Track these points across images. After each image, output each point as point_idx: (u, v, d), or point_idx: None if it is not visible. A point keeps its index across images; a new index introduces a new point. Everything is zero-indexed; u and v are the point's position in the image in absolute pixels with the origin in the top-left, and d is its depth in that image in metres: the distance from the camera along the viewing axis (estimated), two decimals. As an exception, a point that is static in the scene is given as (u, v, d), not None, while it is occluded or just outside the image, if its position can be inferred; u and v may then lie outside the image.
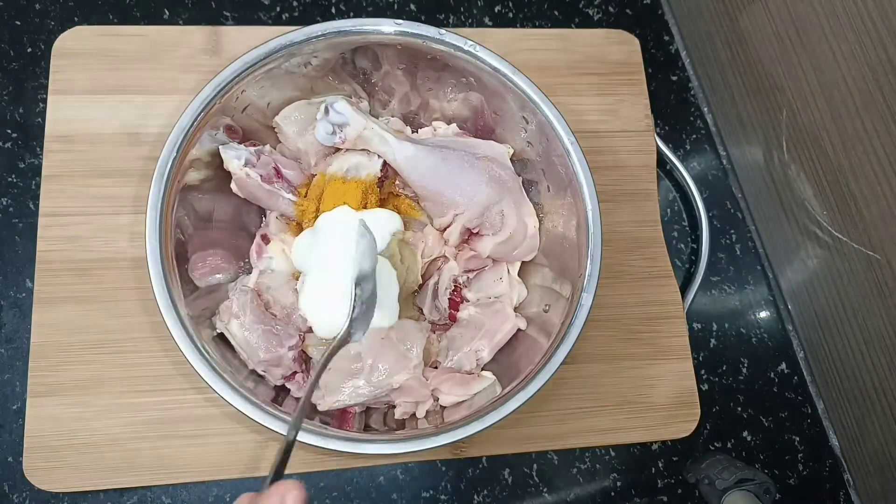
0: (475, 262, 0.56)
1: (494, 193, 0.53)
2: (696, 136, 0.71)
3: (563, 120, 0.51)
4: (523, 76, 0.51)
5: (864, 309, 0.58)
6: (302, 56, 0.51)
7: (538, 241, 0.56)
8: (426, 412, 0.51)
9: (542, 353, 0.48)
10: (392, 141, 0.53)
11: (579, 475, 0.59)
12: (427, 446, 0.45)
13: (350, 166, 0.54)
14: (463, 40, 0.51)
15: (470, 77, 0.53)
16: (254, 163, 0.53)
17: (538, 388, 0.46)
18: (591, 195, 0.50)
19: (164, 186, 0.48)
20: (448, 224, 0.55)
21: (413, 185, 0.54)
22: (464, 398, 0.51)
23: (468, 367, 0.53)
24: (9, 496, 0.54)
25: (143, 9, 0.66)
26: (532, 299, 0.56)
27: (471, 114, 0.57)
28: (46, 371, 0.54)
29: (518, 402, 0.46)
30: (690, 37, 0.73)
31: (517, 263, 0.57)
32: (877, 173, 0.53)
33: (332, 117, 0.53)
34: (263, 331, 0.50)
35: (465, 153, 0.54)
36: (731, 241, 0.68)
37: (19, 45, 0.63)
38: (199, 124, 0.49)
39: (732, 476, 0.56)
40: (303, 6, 0.68)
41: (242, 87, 0.51)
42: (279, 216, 0.56)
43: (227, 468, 0.54)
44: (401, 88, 0.57)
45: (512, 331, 0.54)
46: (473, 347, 0.53)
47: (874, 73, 0.51)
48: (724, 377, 0.64)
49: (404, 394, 0.50)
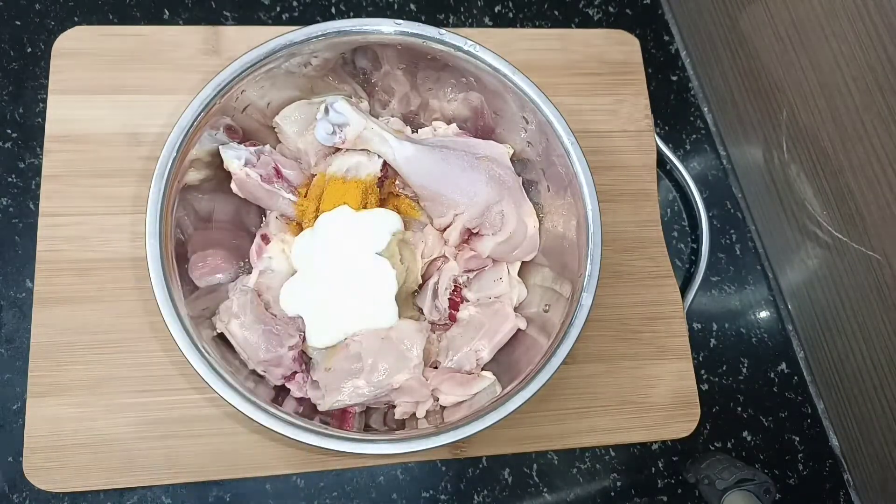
0: (475, 262, 0.56)
1: (494, 193, 0.53)
2: (696, 136, 0.71)
3: (563, 120, 0.51)
4: (523, 76, 0.51)
5: (864, 309, 0.58)
6: (302, 56, 0.51)
7: (538, 241, 0.56)
8: (426, 412, 0.51)
9: (543, 353, 0.48)
10: (392, 141, 0.53)
11: (579, 475, 0.60)
12: (427, 446, 0.45)
13: (350, 166, 0.54)
14: (463, 40, 0.51)
15: (470, 77, 0.53)
16: (254, 163, 0.53)
17: (538, 388, 0.46)
18: (592, 195, 0.50)
19: (164, 186, 0.48)
20: (448, 224, 0.55)
21: (413, 185, 0.54)
22: (464, 398, 0.50)
23: (468, 367, 0.53)
24: (9, 496, 0.54)
25: (143, 9, 0.66)
26: (532, 299, 0.56)
27: (471, 114, 0.57)
28: (46, 371, 0.54)
29: (518, 402, 0.46)
30: (690, 37, 0.73)
31: (517, 263, 0.57)
32: (877, 173, 0.53)
33: (332, 117, 0.53)
34: (263, 331, 0.50)
35: (465, 153, 0.54)
36: (731, 241, 0.68)
37: (19, 45, 0.63)
38: (199, 124, 0.49)
39: (732, 476, 0.56)
40: (303, 6, 0.68)
41: (242, 87, 0.51)
42: (279, 216, 0.56)
43: (227, 468, 0.54)
44: (401, 88, 0.57)
45: (512, 331, 0.54)
46: (473, 347, 0.53)
47: (874, 73, 0.51)
48: (724, 377, 0.64)
49: (404, 394, 0.50)
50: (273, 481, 0.56)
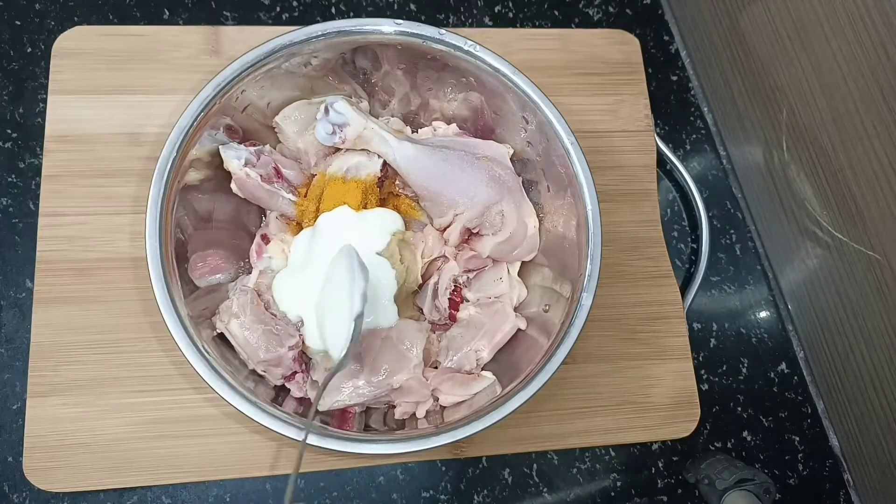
0: (475, 262, 0.56)
1: (494, 193, 0.53)
2: (696, 136, 0.71)
3: (563, 120, 0.51)
4: (523, 76, 0.51)
5: (864, 309, 0.58)
6: (302, 56, 0.51)
7: (538, 241, 0.56)
8: (426, 412, 0.51)
9: (542, 353, 0.48)
10: (392, 141, 0.53)
11: (579, 475, 0.60)
12: (427, 446, 0.45)
13: (350, 166, 0.54)
14: (463, 40, 0.51)
15: (470, 77, 0.53)
16: (254, 163, 0.53)
17: (538, 389, 0.46)
18: (592, 195, 0.50)
19: (164, 186, 0.48)
20: (448, 224, 0.55)
21: (413, 185, 0.54)
22: (464, 398, 0.51)
23: (468, 367, 0.53)
24: (9, 496, 0.54)
25: (143, 9, 0.66)
26: (532, 299, 0.56)
27: (471, 114, 0.57)
28: (46, 371, 0.54)
29: (518, 402, 0.46)
30: (690, 37, 0.73)
31: (517, 263, 0.57)
32: (877, 173, 0.53)
33: (332, 117, 0.53)
34: (263, 330, 0.50)
35: (465, 153, 0.54)
36: (731, 241, 0.68)
37: (19, 45, 0.63)
38: (199, 124, 0.49)
39: (732, 476, 0.56)
40: (303, 6, 0.68)
41: (242, 87, 0.51)
42: (279, 216, 0.56)
43: (227, 468, 0.54)
44: (401, 88, 0.57)
45: (512, 331, 0.54)
46: (473, 347, 0.53)
47: (874, 73, 0.51)
48: (724, 377, 0.64)
49: (404, 394, 0.50)
50: (273, 481, 0.56)
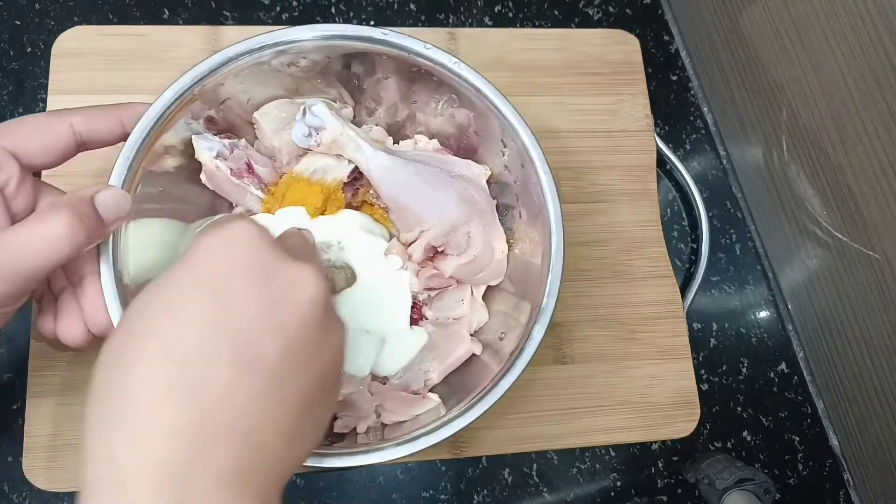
0: (437, 281, 0.55)
1: (463, 214, 0.52)
2: (696, 136, 0.71)
3: (539, 148, 0.49)
4: (505, 100, 0.49)
5: (864, 309, 0.58)
6: (288, 55, 0.50)
7: (505, 266, 0.54)
8: (367, 428, 0.50)
9: (490, 378, 0.46)
10: (367, 149, 0.51)
11: (579, 475, 0.60)
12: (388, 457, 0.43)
13: (318, 168, 0.53)
14: (448, 57, 0.49)
15: (454, 94, 0.52)
16: (226, 156, 0.52)
17: (475, 418, 0.44)
18: (558, 227, 0.48)
19: (127, 173, 0.46)
20: (413, 239, 0.54)
21: (382, 196, 0.53)
22: (406, 418, 0.49)
23: (415, 387, 0.51)
24: (9, 496, 0.54)
25: (143, 9, 0.66)
26: (493, 325, 0.54)
27: (455, 131, 0.56)
28: (46, 371, 0.54)
29: (454, 429, 0.44)
30: (690, 37, 0.73)
31: (482, 287, 0.56)
32: (877, 173, 0.53)
33: (308, 119, 0.51)
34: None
35: (440, 170, 0.53)
36: (731, 241, 0.68)
37: (19, 45, 0.63)
38: (170, 116, 0.47)
39: (732, 476, 0.56)
40: (303, 6, 0.68)
41: (220, 81, 0.49)
42: (245, 211, 0.55)
43: (227, 468, 0.54)
44: (389, 98, 0.55)
45: (466, 355, 0.52)
46: (423, 368, 0.52)
47: (874, 73, 0.51)
48: (724, 377, 0.64)
49: (346, 407, 0.49)
50: (273, 481, 0.56)
